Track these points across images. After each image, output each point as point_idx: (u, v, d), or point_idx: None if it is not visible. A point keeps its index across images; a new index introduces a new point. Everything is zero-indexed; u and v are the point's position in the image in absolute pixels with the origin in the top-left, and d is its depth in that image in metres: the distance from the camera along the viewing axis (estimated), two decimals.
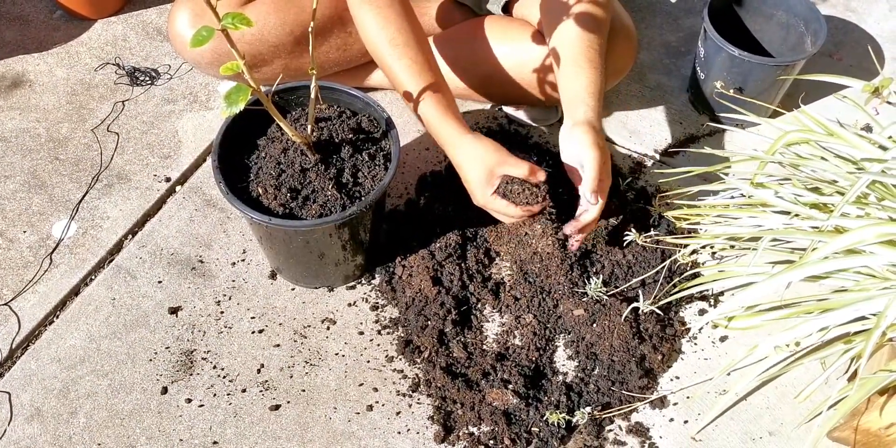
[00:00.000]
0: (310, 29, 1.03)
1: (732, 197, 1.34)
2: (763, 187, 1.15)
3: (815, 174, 1.17)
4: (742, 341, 1.25)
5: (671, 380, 1.22)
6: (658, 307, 1.23)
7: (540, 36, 1.33)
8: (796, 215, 1.13)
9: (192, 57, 1.36)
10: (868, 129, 1.37)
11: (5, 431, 1.17)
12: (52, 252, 1.36)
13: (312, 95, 1.11)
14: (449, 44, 1.40)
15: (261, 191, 1.14)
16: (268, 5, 1.34)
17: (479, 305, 1.29)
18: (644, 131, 1.53)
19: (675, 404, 1.19)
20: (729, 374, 1.18)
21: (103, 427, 1.18)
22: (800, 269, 0.98)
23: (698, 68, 1.49)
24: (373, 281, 1.33)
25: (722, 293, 1.30)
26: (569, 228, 1.20)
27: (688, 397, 1.20)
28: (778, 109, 1.43)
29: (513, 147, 1.45)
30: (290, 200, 1.13)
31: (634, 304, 1.22)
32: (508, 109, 1.53)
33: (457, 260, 1.32)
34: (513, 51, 1.35)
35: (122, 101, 1.57)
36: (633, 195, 1.40)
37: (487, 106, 1.55)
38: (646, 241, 1.28)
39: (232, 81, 1.53)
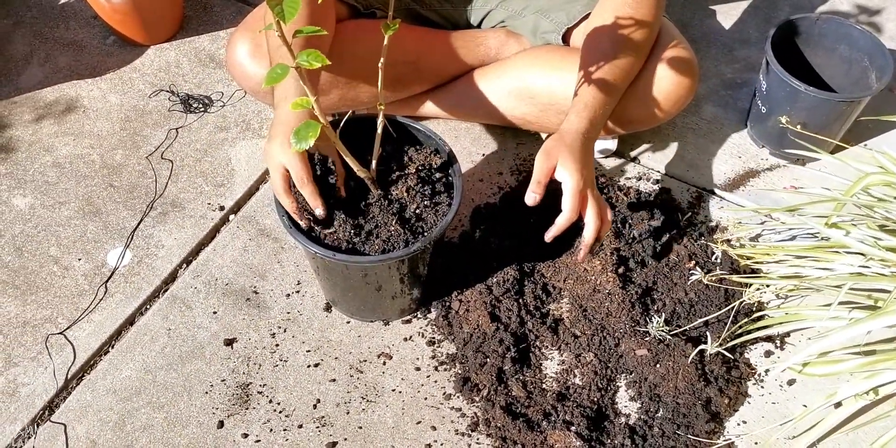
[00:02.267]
0: (380, 64, 1.02)
1: (794, 237, 1.32)
2: (837, 228, 1.13)
3: (890, 215, 1.14)
4: (811, 386, 1.21)
5: (738, 424, 1.19)
6: (724, 348, 1.20)
7: None
8: (871, 258, 1.10)
9: (251, 86, 1.36)
10: None
11: None
12: (107, 280, 1.35)
13: (379, 130, 1.10)
14: (511, 70, 1.39)
15: (321, 223, 1.13)
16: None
17: (537, 342, 1.27)
18: (702, 165, 1.50)
19: None
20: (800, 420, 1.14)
21: None
22: (885, 317, 0.95)
23: (759, 101, 1.47)
24: (429, 315, 1.31)
25: (788, 335, 1.26)
26: (548, 235, 1.17)
27: (756, 443, 1.16)
28: (841, 144, 1.41)
29: None
30: (352, 235, 1.12)
31: (702, 346, 1.19)
32: None
33: (514, 295, 1.30)
34: (572, 79, 1.33)
35: (176, 129, 1.57)
36: (694, 230, 1.38)
37: (543, 137, 1.53)
38: (711, 280, 1.25)
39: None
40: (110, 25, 1.67)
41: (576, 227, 1.35)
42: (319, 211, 1.10)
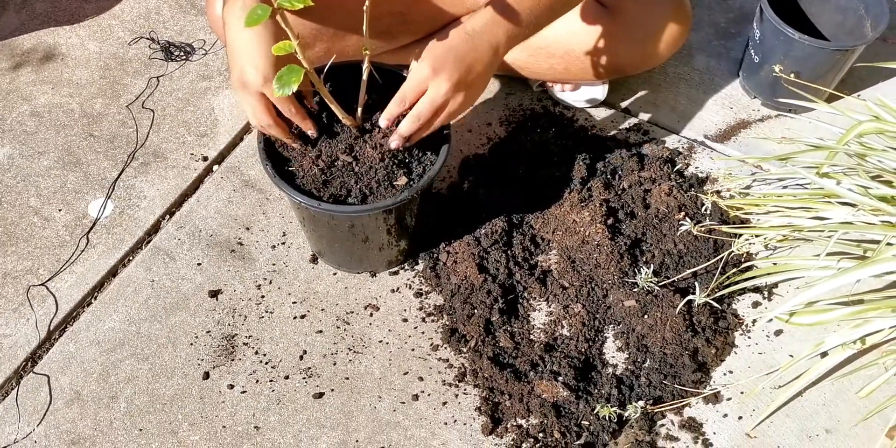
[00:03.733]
0: (365, 7, 0.98)
1: (785, 187, 1.30)
2: (828, 177, 1.11)
3: (882, 165, 1.12)
4: (798, 336, 1.21)
5: (724, 374, 1.19)
6: (712, 299, 1.19)
7: (595, 8, 1.29)
8: (861, 208, 1.09)
9: None
10: None
11: (45, 415, 1.15)
12: (88, 231, 1.33)
13: (364, 77, 1.07)
14: None
15: (307, 174, 1.10)
16: None
17: (525, 294, 1.26)
18: (693, 115, 1.48)
19: (728, 399, 1.17)
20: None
21: (144, 412, 1.15)
22: (873, 266, 0.94)
23: (752, 51, 1.44)
24: (416, 267, 1.30)
25: (776, 285, 1.26)
26: (381, 119, 1.07)
27: (742, 393, 1.17)
28: (836, 93, 1.39)
29: (558, 130, 1.43)
30: (337, 185, 1.10)
31: (689, 297, 1.19)
32: (553, 91, 1.49)
33: (503, 247, 1.28)
34: (562, 20, 1.30)
35: (157, 77, 1.53)
36: (684, 182, 1.36)
37: (533, 87, 1.50)
38: (700, 231, 1.24)
39: None
40: None
41: (566, 179, 1.34)
42: (312, 131, 1.06)
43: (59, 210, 1.36)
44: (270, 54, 0.97)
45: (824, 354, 1.12)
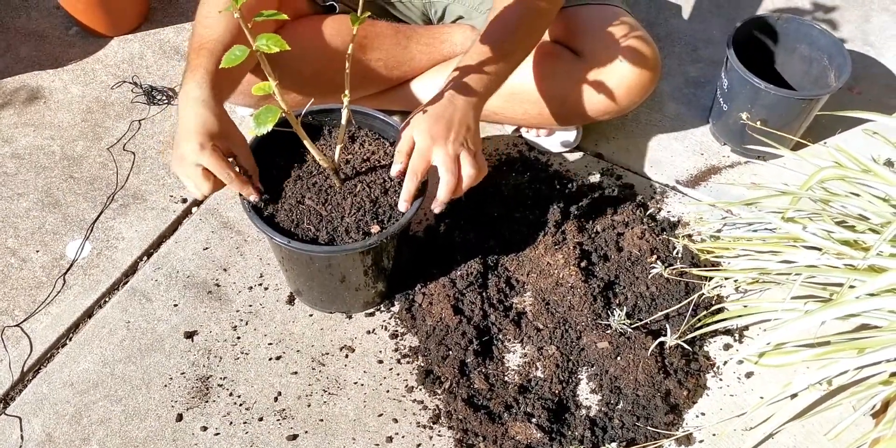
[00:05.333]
0: (348, 52, 1.02)
1: (755, 230, 1.33)
2: (794, 222, 1.14)
3: (846, 210, 1.16)
4: (768, 378, 1.23)
5: (696, 416, 1.20)
6: (683, 341, 1.21)
7: (566, 54, 1.33)
8: (826, 251, 1.12)
9: None
10: (890, 164, 1.37)
11: None
12: (65, 273, 1.33)
13: (343, 120, 1.10)
14: None
15: (284, 213, 1.12)
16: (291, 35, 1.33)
17: (500, 336, 1.27)
18: (665, 161, 1.52)
19: (701, 441, 1.17)
20: (755, 411, 1.16)
21: None
22: (836, 308, 0.97)
23: (720, 99, 1.49)
24: (392, 308, 1.31)
25: (747, 328, 1.28)
26: (400, 203, 1.12)
27: (714, 435, 1.18)
28: (801, 141, 1.43)
29: (532, 174, 1.46)
30: (313, 225, 1.11)
31: (661, 339, 1.20)
32: (528, 136, 1.52)
33: (478, 289, 1.30)
34: (534, 67, 1.34)
35: (139, 120, 1.55)
36: (657, 225, 1.39)
37: (508, 131, 1.54)
38: (671, 274, 1.26)
39: (248, 108, 1.51)
40: (73, 16, 1.65)
41: (541, 222, 1.36)
42: (255, 197, 1.10)
43: (37, 251, 1.36)
44: (204, 127, 1.04)
45: (794, 397, 1.14)
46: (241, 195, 1.11)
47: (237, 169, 1.08)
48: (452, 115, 1.11)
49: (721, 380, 1.24)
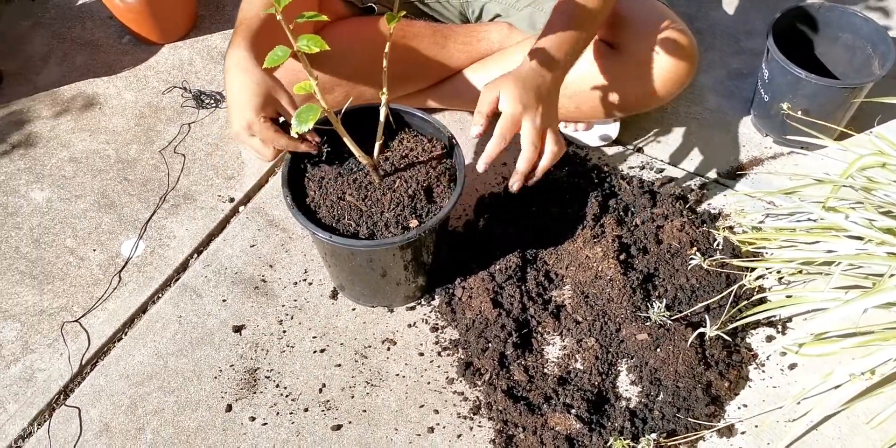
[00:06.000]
0: (385, 51, 1.04)
1: (798, 221, 1.32)
2: (834, 211, 1.13)
3: (889, 198, 1.14)
4: (811, 369, 1.22)
5: (738, 408, 1.19)
6: (724, 333, 1.21)
7: (602, 47, 1.33)
8: (869, 240, 1.11)
9: None
10: None
11: (75, 446, 1.19)
12: (120, 270, 1.39)
13: (381, 118, 1.12)
14: (511, 60, 1.41)
15: (325, 209, 1.15)
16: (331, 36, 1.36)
17: (539, 328, 1.29)
18: (705, 153, 1.51)
19: (743, 433, 1.17)
20: (799, 403, 1.15)
21: (170, 444, 1.19)
22: (877, 296, 0.96)
23: (762, 90, 1.48)
24: (432, 302, 1.33)
25: (790, 319, 1.27)
26: (479, 163, 1.13)
27: (756, 426, 1.17)
28: (846, 131, 1.41)
29: (571, 168, 1.46)
30: (354, 220, 1.14)
31: (700, 330, 1.20)
32: (566, 130, 1.53)
33: (517, 282, 1.31)
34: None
35: (189, 124, 1.61)
36: (696, 218, 1.39)
37: None
38: (711, 265, 1.26)
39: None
40: (126, 25, 1.71)
41: (579, 215, 1.37)
42: (316, 142, 1.15)
43: (94, 250, 1.42)
44: (249, 100, 1.07)
45: (837, 387, 1.12)
46: (283, 187, 1.15)
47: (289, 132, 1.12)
48: (540, 87, 1.12)
49: (764, 371, 1.23)
